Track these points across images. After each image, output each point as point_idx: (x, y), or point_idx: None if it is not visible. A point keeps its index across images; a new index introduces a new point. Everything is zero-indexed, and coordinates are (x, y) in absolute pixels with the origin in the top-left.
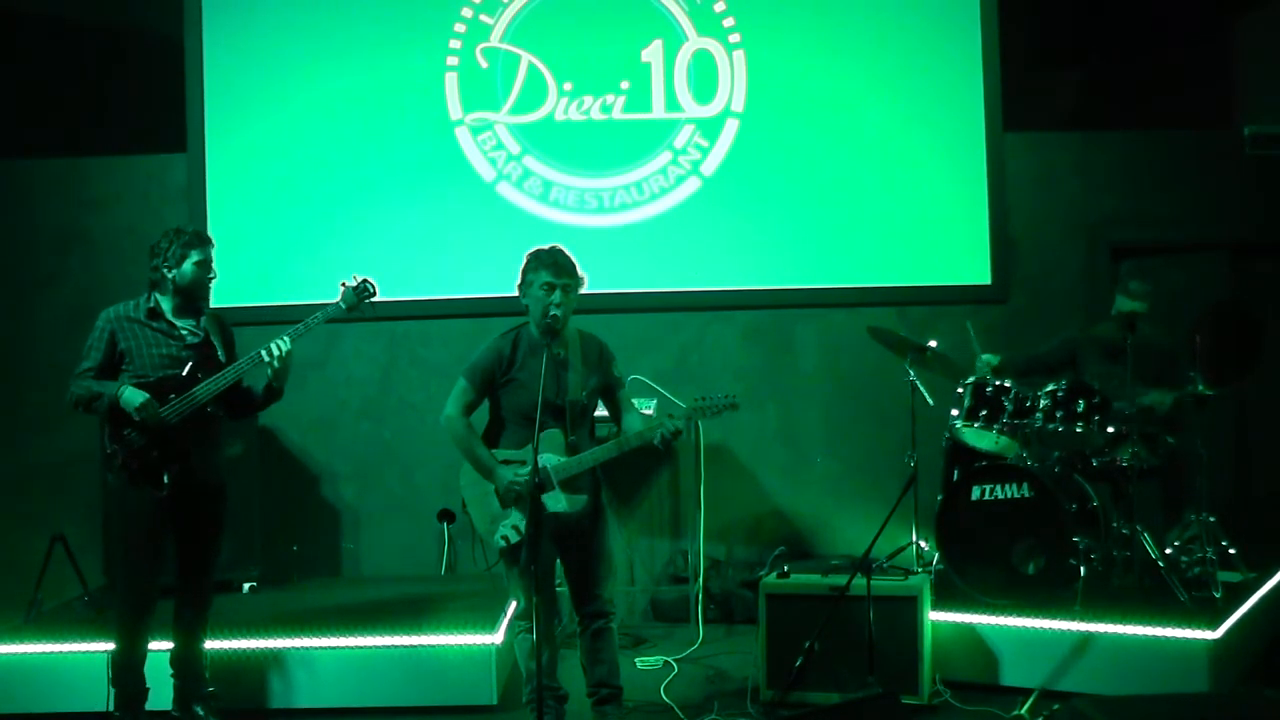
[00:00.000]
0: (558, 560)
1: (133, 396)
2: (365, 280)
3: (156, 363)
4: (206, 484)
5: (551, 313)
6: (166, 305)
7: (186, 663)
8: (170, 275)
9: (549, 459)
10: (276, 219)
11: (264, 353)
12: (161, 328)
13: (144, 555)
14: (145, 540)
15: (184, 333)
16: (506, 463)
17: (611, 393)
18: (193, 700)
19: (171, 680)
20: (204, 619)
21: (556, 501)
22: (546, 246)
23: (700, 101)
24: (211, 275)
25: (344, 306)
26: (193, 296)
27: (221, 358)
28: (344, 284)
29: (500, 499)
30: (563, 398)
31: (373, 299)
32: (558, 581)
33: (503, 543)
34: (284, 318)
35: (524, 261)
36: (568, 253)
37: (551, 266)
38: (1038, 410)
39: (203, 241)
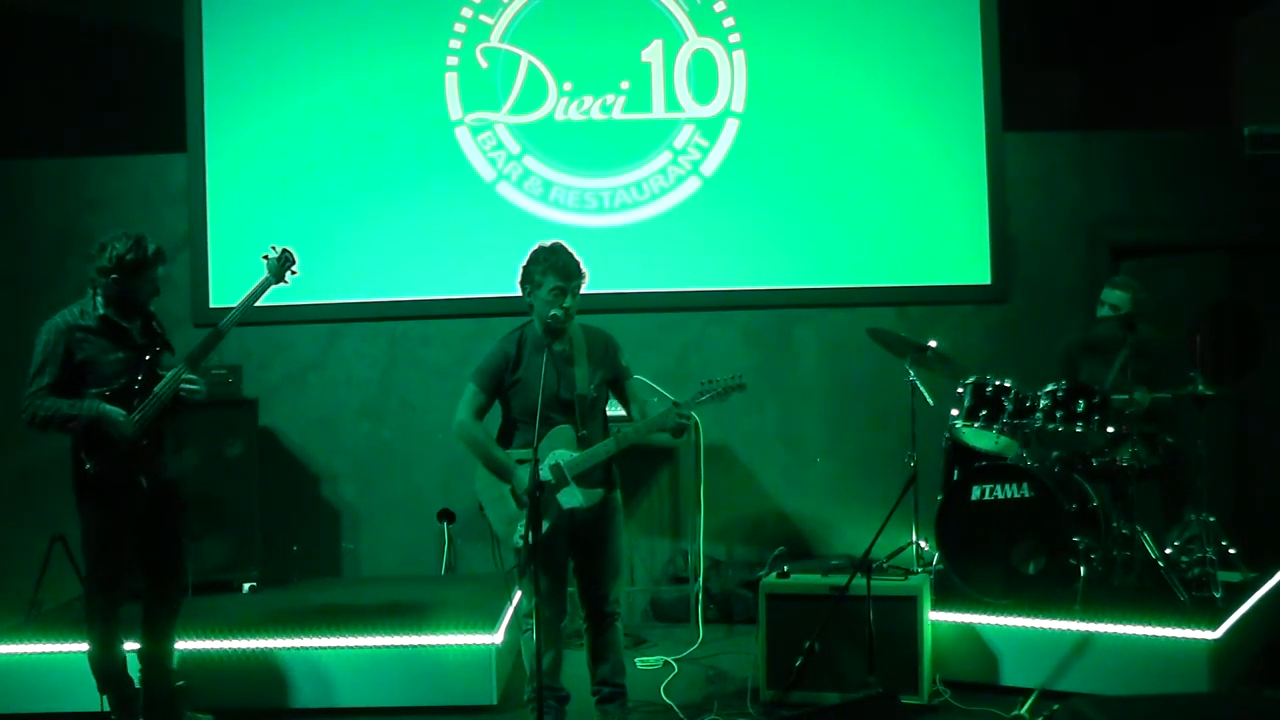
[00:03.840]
0: (569, 561)
1: (114, 414)
2: (285, 250)
3: (116, 369)
4: (166, 482)
5: (553, 312)
6: (110, 310)
7: (154, 661)
8: (117, 286)
9: (562, 455)
10: (276, 219)
11: (185, 393)
12: (114, 334)
13: (118, 563)
14: (117, 550)
15: (133, 335)
16: (521, 462)
17: (619, 384)
18: (167, 697)
19: (139, 676)
20: (174, 619)
21: (572, 497)
22: (549, 245)
23: (700, 101)
24: (155, 294)
25: (272, 276)
26: (132, 307)
27: (170, 353)
28: (265, 256)
29: (517, 499)
30: (570, 392)
31: (292, 267)
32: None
33: (520, 542)
34: (283, 318)
35: (527, 258)
36: (571, 251)
37: (560, 272)
38: (1038, 410)
39: (157, 258)
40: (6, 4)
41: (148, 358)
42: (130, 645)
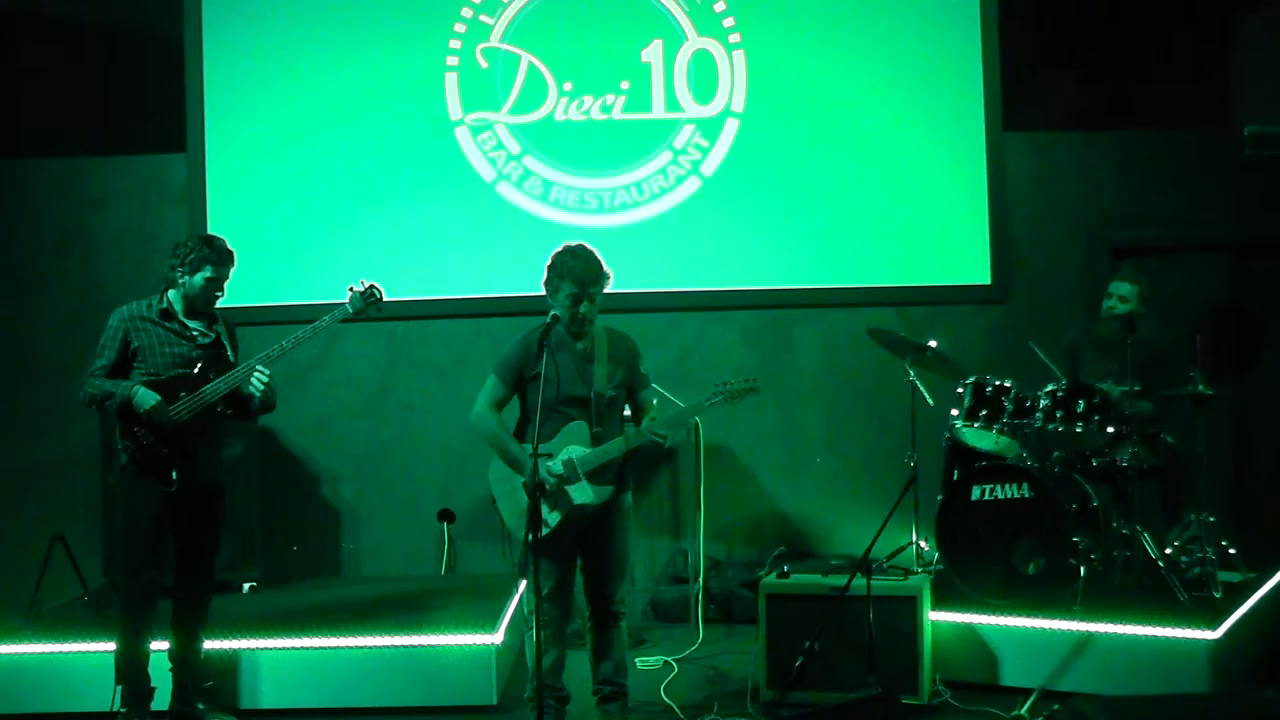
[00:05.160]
0: (577, 559)
1: (145, 398)
2: (373, 286)
3: (168, 362)
4: (210, 481)
5: (554, 312)
6: (179, 306)
7: (185, 660)
8: (181, 280)
9: (575, 450)
10: (277, 219)
11: (252, 388)
12: (174, 328)
13: (148, 552)
14: (150, 537)
15: (195, 333)
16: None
17: (633, 391)
18: (193, 695)
19: (170, 676)
20: (203, 617)
21: (583, 493)
22: (572, 248)
23: (700, 101)
24: (219, 293)
25: (351, 310)
26: (196, 305)
27: (231, 358)
28: (351, 288)
29: (528, 492)
30: (588, 390)
31: (379, 304)
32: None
33: (530, 537)
34: (284, 318)
35: (550, 260)
36: (592, 256)
37: (577, 278)
38: (1038, 410)
39: (221, 260)
40: (6, 4)
41: (203, 361)
42: (160, 644)
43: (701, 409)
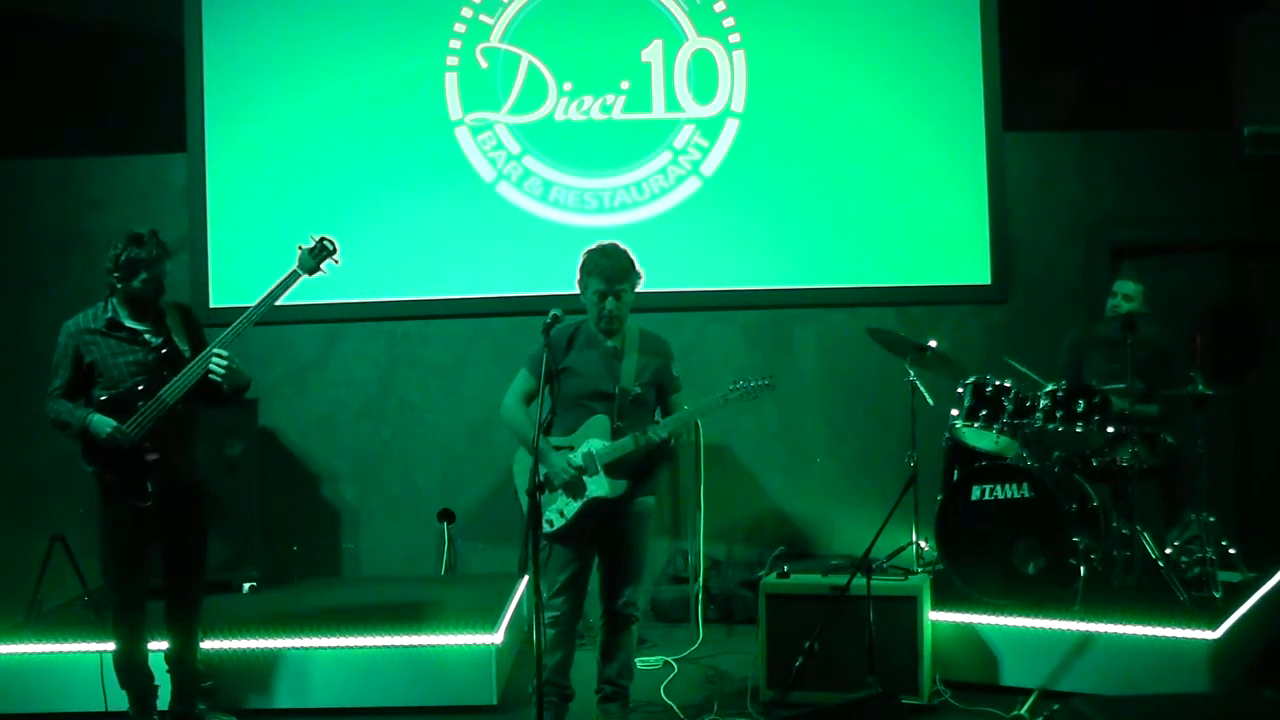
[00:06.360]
0: (594, 558)
1: (100, 426)
2: (323, 239)
3: (125, 371)
4: (190, 484)
5: (589, 311)
6: (124, 311)
7: (182, 661)
8: (120, 286)
9: (595, 444)
10: (276, 219)
11: (213, 375)
12: (124, 336)
13: (131, 560)
14: (132, 546)
15: (146, 337)
16: (558, 449)
17: (664, 393)
18: (192, 696)
19: (169, 677)
20: (197, 618)
21: (600, 485)
22: (604, 246)
23: (700, 101)
24: (160, 291)
25: (303, 271)
26: (148, 302)
27: (187, 353)
28: (300, 247)
29: (549, 484)
30: (613, 385)
31: (333, 256)
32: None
33: (548, 526)
34: (284, 318)
35: (581, 259)
36: (622, 255)
37: (604, 278)
38: (1038, 410)
39: (152, 257)
40: (6, 4)
41: (157, 364)
42: (158, 645)
43: (717, 406)
